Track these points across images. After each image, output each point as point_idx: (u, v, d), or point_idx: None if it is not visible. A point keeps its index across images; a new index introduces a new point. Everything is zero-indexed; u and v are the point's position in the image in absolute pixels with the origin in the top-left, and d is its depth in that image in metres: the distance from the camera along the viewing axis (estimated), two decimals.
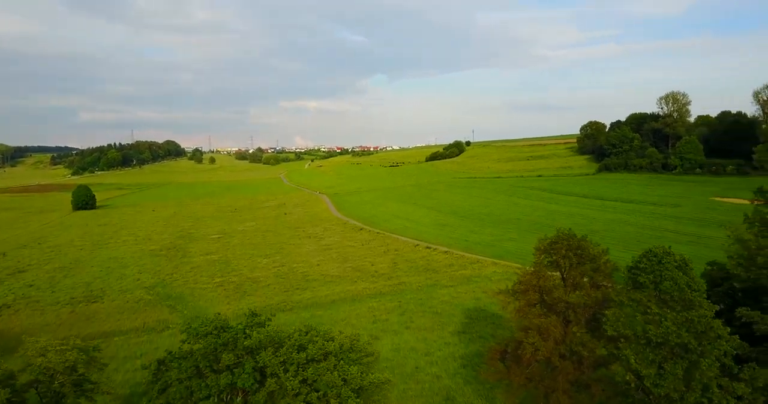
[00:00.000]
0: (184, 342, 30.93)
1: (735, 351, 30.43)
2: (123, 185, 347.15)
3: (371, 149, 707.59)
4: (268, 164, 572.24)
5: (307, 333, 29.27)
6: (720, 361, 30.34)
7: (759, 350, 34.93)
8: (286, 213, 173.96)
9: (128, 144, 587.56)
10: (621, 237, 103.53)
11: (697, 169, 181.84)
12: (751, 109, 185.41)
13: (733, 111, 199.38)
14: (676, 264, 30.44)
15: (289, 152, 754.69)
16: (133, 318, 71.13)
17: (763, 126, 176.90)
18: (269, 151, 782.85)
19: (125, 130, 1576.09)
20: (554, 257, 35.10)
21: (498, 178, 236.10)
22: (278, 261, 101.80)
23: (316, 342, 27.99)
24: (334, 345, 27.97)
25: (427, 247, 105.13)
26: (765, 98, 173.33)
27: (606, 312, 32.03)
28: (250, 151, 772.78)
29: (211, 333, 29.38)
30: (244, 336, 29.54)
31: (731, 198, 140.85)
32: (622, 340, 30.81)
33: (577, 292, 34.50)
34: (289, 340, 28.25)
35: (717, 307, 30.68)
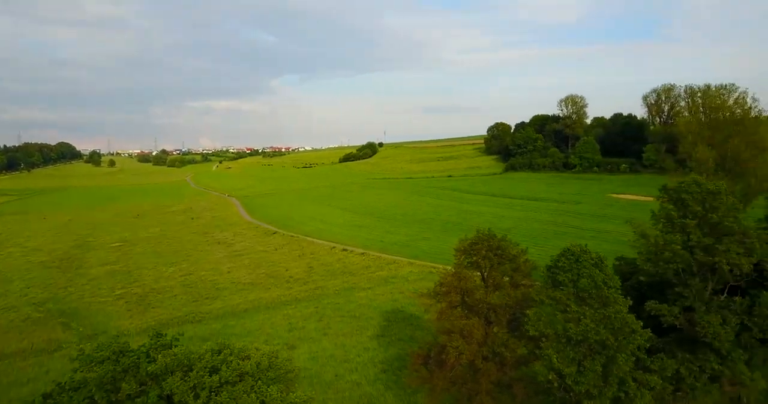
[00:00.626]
0: (76, 370, 27.29)
1: (648, 345, 31.48)
2: (8, 191, 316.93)
3: (283, 150, 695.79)
4: (174, 167, 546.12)
5: (220, 352, 26.65)
6: (634, 355, 31.27)
7: (665, 341, 36.51)
8: (193, 218, 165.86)
9: (15, 146, 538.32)
10: (529, 233, 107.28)
11: (595, 168, 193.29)
12: (640, 112, 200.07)
13: (625, 113, 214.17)
14: (592, 261, 30.98)
15: (196, 154, 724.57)
16: (20, 338, 64.03)
17: (651, 127, 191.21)
18: (174, 152, 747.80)
19: (11, 132, 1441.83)
20: (474, 258, 34.78)
21: (410, 178, 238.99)
22: (185, 270, 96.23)
23: (231, 362, 25.49)
24: (250, 364, 25.62)
25: (344, 249, 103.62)
26: (652, 102, 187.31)
27: (527, 311, 32.07)
28: (154, 154, 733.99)
29: (109, 359, 25.98)
30: (147, 360, 26.39)
31: (626, 194, 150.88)
32: (544, 340, 30.95)
33: (498, 293, 34.38)
34: (199, 362, 25.47)
35: (630, 302, 31.55)
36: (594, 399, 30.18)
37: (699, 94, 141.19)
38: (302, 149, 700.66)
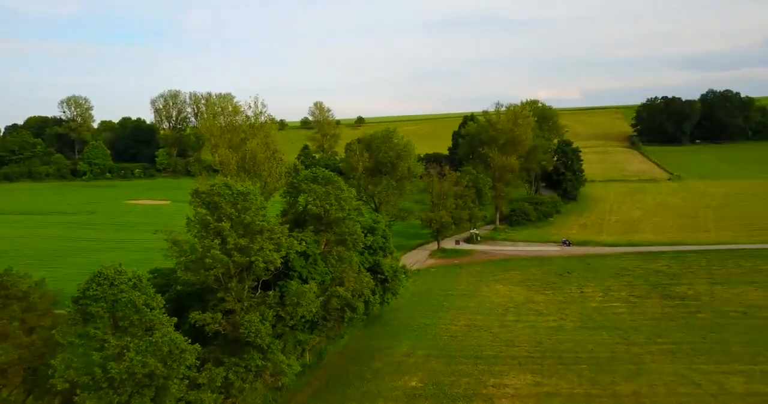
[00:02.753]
0: None
1: (198, 362, 29.45)
2: None
3: None
4: None
5: None
6: (186, 376, 28.71)
7: (211, 349, 35.51)
8: None
9: None
10: (37, 255, 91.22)
11: (107, 174, 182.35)
12: (150, 116, 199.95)
13: (134, 117, 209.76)
14: (130, 283, 26.61)
15: None
16: None
17: (161, 132, 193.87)
18: None
19: None
20: None
21: None
22: None
23: None
24: None
25: None
26: (160, 106, 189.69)
27: (51, 361, 25.08)
28: None
29: None
30: None
31: (143, 199, 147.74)
32: (78, 390, 24.82)
33: (4, 345, 25.82)
34: None
35: (176, 319, 28.80)
36: None
37: (203, 101, 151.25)
38: None
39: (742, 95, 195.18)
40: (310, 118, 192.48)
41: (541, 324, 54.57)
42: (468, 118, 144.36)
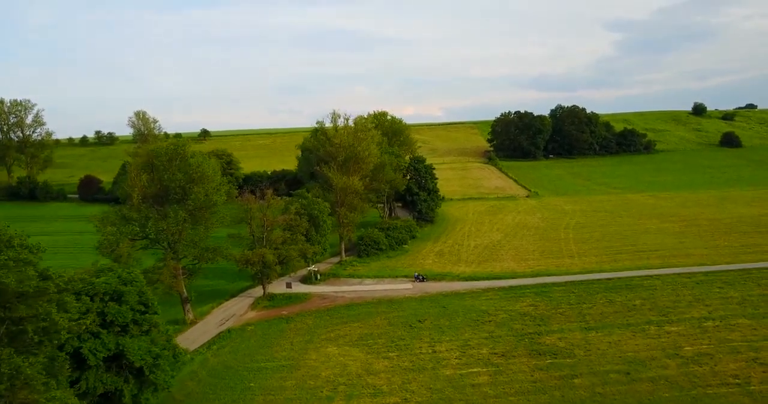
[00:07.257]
0: None
1: None
2: None
3: None
4: None
5: None
6: None
7: None
8: None
9: None
10: None
11: None
12: None
13: None
14: None
15: None
16: None
17: None
18: None
19: None
20: None
21: None
22: None
23: None
24: None
25: None
26: None
27: None
28: None
29: None
30: None
31: None
32: None
33: None
34: None
35: None
36: None
37: None
38: None
39: (588, 111, 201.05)
40: (133, 131, 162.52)
41: None
42: (315, 132, 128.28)
